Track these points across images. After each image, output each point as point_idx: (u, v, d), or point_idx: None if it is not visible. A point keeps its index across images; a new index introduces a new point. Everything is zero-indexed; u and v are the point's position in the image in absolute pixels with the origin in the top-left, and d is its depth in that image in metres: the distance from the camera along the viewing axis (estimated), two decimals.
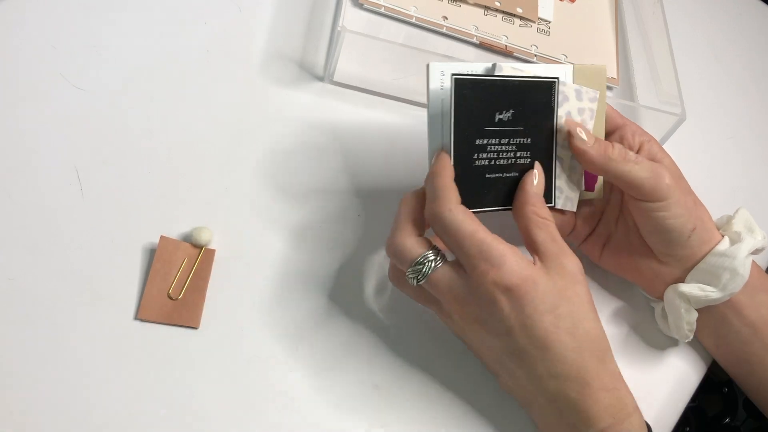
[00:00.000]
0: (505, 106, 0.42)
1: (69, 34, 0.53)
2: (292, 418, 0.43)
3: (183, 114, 0.52)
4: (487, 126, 0.42)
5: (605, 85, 0.48)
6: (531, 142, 0.44)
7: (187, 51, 0.56)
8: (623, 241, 0.51)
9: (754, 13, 0.85)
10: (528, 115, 0.43)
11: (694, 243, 0.47)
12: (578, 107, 0.46)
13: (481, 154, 0.42)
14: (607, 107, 0.50)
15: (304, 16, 0.61)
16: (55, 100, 0.50)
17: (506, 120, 0.42)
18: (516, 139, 0.43)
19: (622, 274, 0.52)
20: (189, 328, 0.44)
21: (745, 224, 0.49)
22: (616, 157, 0.45)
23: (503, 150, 0.43)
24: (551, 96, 0.44)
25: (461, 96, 0.41)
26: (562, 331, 0.40)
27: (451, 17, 0.63)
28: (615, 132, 0.50)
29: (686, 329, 0.49)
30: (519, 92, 0.42)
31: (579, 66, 0.47)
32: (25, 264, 0.43)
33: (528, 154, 0.44)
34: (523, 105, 0.43)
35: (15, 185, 0.46)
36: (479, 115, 0.42)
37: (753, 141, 0.71)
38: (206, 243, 0.46)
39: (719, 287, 0.47)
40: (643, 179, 0.45)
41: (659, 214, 0.46)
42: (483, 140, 0.42)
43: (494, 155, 0.43)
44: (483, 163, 0.43)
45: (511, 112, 0.42)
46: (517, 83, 0.42)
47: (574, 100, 0.46)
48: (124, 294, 0.44)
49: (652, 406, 0.50)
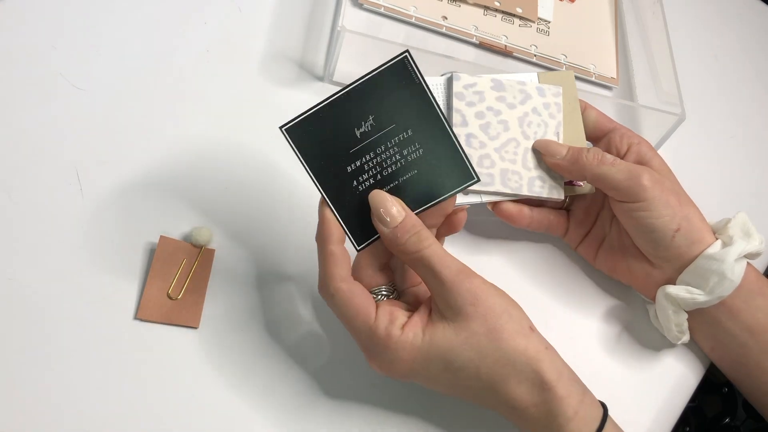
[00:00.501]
0: (361, 117, 0.39)
1: (69, 34, 0.53)
2: (291, 416, 0.43)
3: (183, 114, 0.52)
4: (351, 148, 0.39)
5: (575, 88, 0.51)
6: (413, 131, 0.40)
7: (187, 51, 0.56)
8: (617, 242, 0.51)
9: (754, 13, 0.85)
10: (394, 108, 0.39)
11: (681, 243, 0.47)
12: (543, 102, 0.50)
13: (361, 177, 0.40)
14: (594, 112, 0.51)
15: (304, 16, 0.61)
16: (55, 100, 0.50)
17: (371, 129, 0.39)
18: (394, 139, 0.40)
19: (617, 277, 0.52)
20: (189, 328, 0.44)
21: (742, 228, 0.49)
22: (590, 161, 0.47)
23: (386, 158, 0.40)
24: (410, 71, 0.39)
25: (301, 141, 0.39)
26: (464, 379, 0.39)
27: (450, 17, 0.63)
28: (604, 136, 0.51)
29: (675, 331, 0.49)
30: (366, 95, 0.39)
31: (543, 73, 0.51)
32: (25, 264, 0.44)
33: (418, 145, 0.40)
34: (380, 102, 0.39)
35: (15, 185, 0.46)
36: (334, 145, 0.39)
37: (753, 141, 0.71)
38: (206, 243, 0.46)
39: (706, 290, 0.47)
40: (619, 181, 0.46)
41: (640, 214, 0.47)
42: (355, 163, 0.39)
43: (377, 169, 0.40)
44: (369, 184, 0.40)
45: (372, 118, 0.39)
46: (359, 87, 0.38)
47: (537, 97, 0.49)
48: (123, 294, 0.44)
49: (652, 406, 0.50)
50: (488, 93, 0.49)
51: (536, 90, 0.50)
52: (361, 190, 0.40)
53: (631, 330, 0.53)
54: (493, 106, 0.48)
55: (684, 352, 0.53)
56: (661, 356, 0.52)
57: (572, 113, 0.51)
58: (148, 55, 0.54)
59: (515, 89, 0.49)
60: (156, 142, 0.50)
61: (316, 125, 0.39)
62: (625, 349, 0.52)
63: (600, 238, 0.52)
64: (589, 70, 0.66)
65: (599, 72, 0.66)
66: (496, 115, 0.48)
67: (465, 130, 0.48)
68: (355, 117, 0.39)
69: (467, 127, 0.48)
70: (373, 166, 0.40)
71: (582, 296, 0.53)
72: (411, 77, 0.39)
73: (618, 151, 0.50)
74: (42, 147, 0.48)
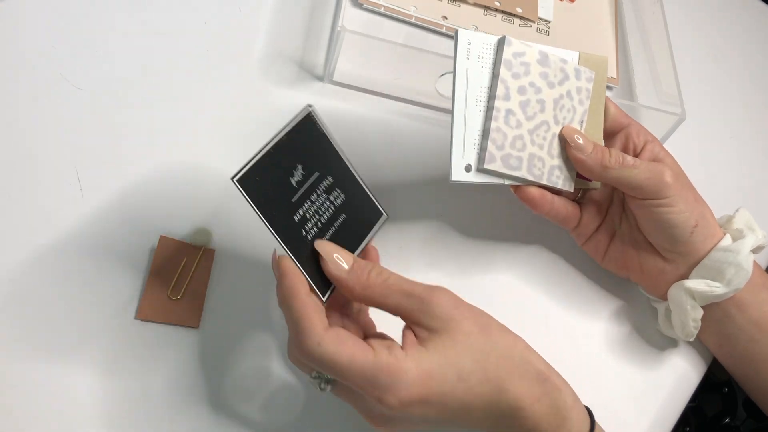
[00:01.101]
0: (291, 166, 0.39)
1: (69, 34, 0.53)
2: (292, 415, 0.43)
3: (183, 114, 0.52)
4: (292, 197, 0.39)
5: (605, 77, 0.49)
6: (333, 177, 0.41)
7: (187, 51, 0.56)
8: (627, 238, 0.51)
9: (754, 13, 0.85)
10: (314, 158, 0.40)
11: (697, 239, 0.48)
12: (576, 86, 0.47)
13: (306, 226, 0.39)
14: (612, 106, 0.50)
15: (304, 16, 0.61)
16: (55, 100, 0.50)
17: (302, 178, 0.39)
18: (321, 185, 0.40)
19: (626, 274, 0.52)
20: (189, 328, 0.44)
21: (746, 223, 0.50)
22: (613, 164, 0.46)
23: (320, 205, 0.40)
24: (315, 123, 0.41)
25: (253, 189, 0.37)
26: (476, 385, 0.37)
27: (450, 17, 0.63)
28: (620, 131, 0.50)
29: (692, 326, 0.49)
30: (290, 146, 0.39)
31: (584, 54, 0.48)
32: (25, 264, 0.44)
33: (339, 191, 0.41)
34: (303, 153, 0.40)
35: (15, 185, 0.46)
36: (279, 193, 0.38)
37: (753, 141, 0.71)
38: (206, 243, 0.46)
39: (724, 282, 0.47)
40: (642, 181, 0.46)
41: (662, 210, 0.47)
42: (299, 212, 0.39)
43: (316, 217, 0.40)
44: (314, 232, 0.40)
45: (300, 168, 0.39)
46: (283, 138, 0.39)
47: (573, 79, 0.47)
48: (123, 294, 0.44)
49: (652, 406, 0.50)
50: (534, 66, 0.45)
51: (574, 71, 0.47)
52: (309, 240, 0.39)
53: (631, 330, 0.53)
54: (536, 82, 0.45)
55: (685, 351, 0.53)
56: (661, 356, 0.52)
57: (598, 105, 0.49)
58: (148, 55, 0.54)
59: (557, 66, 0.46)
60: (156, 142, 0.50)
61: (260, 174, 0.37)
62: (625, 349, 0.52)
63: (610, 234, 0.52)
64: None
65: None
66: (536, 93, 0.46)
67: (506, 104, 0.44)
68: (287, 167, 0.39)
69: (508, 102, 0.44)
70: (312, 214, 0.40)
71: (582, 297, 0.53)
72: (318, 128, 0.41)
73: (635, 147, 0.50)
74: (42, 147, 0.48)
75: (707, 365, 0.53)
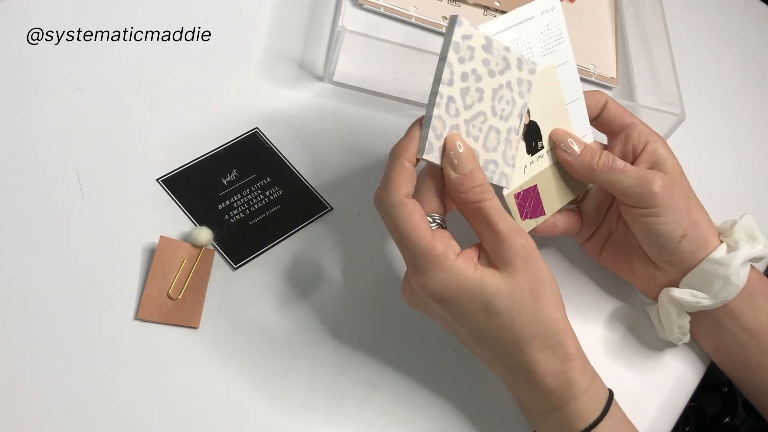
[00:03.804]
0: (226, 169, 0.50)
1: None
2: (293, 417, 0.43)
3: (183, 114, 0.52)
4: (220, 192, 0.49)
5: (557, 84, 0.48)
6: (272, 178, 0.51)
7: (187, 51, 0.56)
8: (623, 241, 0.51)
9: (754, 13, 0.85)
10: (254, 163, 0.51)
11: (686, 248, 0.47)
12: (518, 77, 0.44)
13: (231, 212, 0.49)
14: (613, 105, 0.50)
15: (304, 16, 0.61)
16: (55, 100, 0.50)
17: (235, 179, 0.50)
18: (256, 184, 0.50)
19: (621, 274, 0.52)
20: (189, 328, 0.44)
21: (747, 231, 0.49)
22: (601, 167, 0.46)
23: (251, 198, 0.49)
24: (262, 140, 0.52)
25: (176, 188, 0.48)
26: (496, 326, 0.40)
27: None
28: (622, 131, 0.49)
29: (678, 332, 0.49)
30: (228, 156, 0.51)
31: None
32: (25, 264, 0.44)
33: (277, 188, 0.51)
34: (243, 160, 0.51)
35: (15, 185, 0.46)
36: (207, 189, 0.49)
37: (753, 141, 0.71)
38: (206, 243, 0.46)
39: (711, 294, 0.47)
40: (628, 188, 0.46)
41: (648, 219, 0.46)
42: (225, 202, 0.49)
43: (245, 206, 0.49)
44: (239, 217, 0.48)
45: (235, 171, 0.50)
46: (221, 151, 0.51)
47: (515, 70, 0.44)
48: (124, 294, 0.44)
49: (652, 406, 0.50)
50: (478, 52, 0.42)
51: (516, 61, 0.44)
52: (232, 223, 0.48)
53: (632, 330, 0.53)
54: (477, 69, 0.42)
55: (684, 352, 0.53)
56: (661, 356, 0.52)
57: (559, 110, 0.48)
58: (148, 55, 0.54)
59: (500, 54, 0.43)
60: (156, 142, 0.50)
61: (188, 178, 0.49)
62: (626, 349, 0.52)
63: (606, 235, 0.52)
64: (589, 70, 0.66)
65: (599, 72, 0.66)
66: (477, 81, 0.42)
67: (449, 90, 0.41)
68: (222, 169, 0.50)
69: (451, 88, 0.41)
70: (241, 204, 0.49)
71: (582, 297, 0.53)
72: (264, 143, 0.52)
73: (634, 148, 0.49)
74: (42, 147, 0.48)
75: (707, 365, 0.53)
